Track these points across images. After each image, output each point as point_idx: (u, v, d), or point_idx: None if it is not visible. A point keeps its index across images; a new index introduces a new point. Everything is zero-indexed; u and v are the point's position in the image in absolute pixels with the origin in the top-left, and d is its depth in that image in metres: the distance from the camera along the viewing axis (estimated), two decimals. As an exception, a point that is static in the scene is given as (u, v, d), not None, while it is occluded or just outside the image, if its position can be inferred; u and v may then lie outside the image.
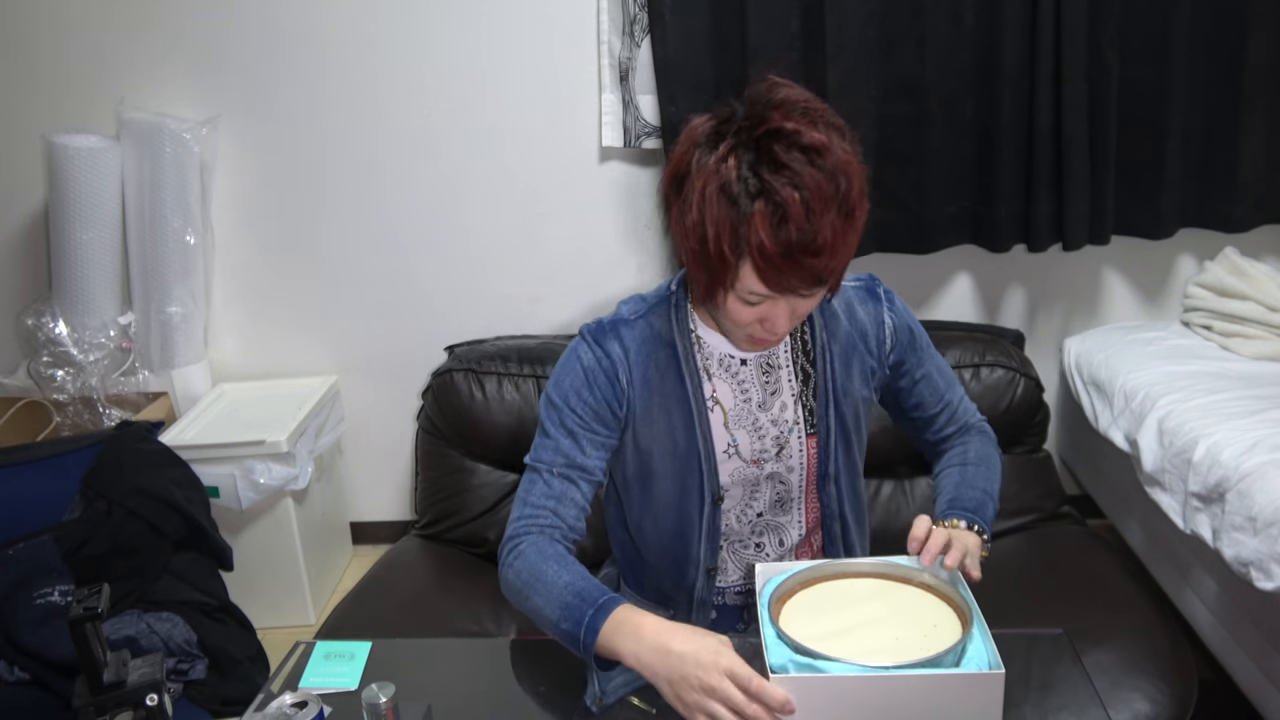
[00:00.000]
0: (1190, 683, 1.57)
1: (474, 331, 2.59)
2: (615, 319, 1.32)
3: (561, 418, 1.29)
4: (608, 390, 1.29)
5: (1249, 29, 2.15)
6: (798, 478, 1.36)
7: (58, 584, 1.82)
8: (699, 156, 1.13)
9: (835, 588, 1.18)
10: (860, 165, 1.13)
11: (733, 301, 1.17)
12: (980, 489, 1.34)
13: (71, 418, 2.49)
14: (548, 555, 1.22)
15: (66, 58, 2.48)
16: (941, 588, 1.15)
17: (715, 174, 1.10)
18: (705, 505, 1.34)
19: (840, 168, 1.10)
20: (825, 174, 1.08)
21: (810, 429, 1.34)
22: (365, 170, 2.53)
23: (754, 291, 1.13)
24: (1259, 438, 1.76)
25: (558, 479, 1.28)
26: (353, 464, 2.80)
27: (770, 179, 1.07)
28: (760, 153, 1.09)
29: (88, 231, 2.42)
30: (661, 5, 2.21)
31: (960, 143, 2.28)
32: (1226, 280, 2.30)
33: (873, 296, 1.37)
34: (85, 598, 1.03)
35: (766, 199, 1.08)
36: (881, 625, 1.10)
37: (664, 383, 1.30)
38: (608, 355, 1.29)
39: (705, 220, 1.11)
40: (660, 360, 1.30)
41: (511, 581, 1.24)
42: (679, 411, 1.30)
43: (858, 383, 1.36)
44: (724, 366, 1.32)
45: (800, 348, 1.34)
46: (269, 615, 2.40)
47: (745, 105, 1.14)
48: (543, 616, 1.19)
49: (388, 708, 1.05)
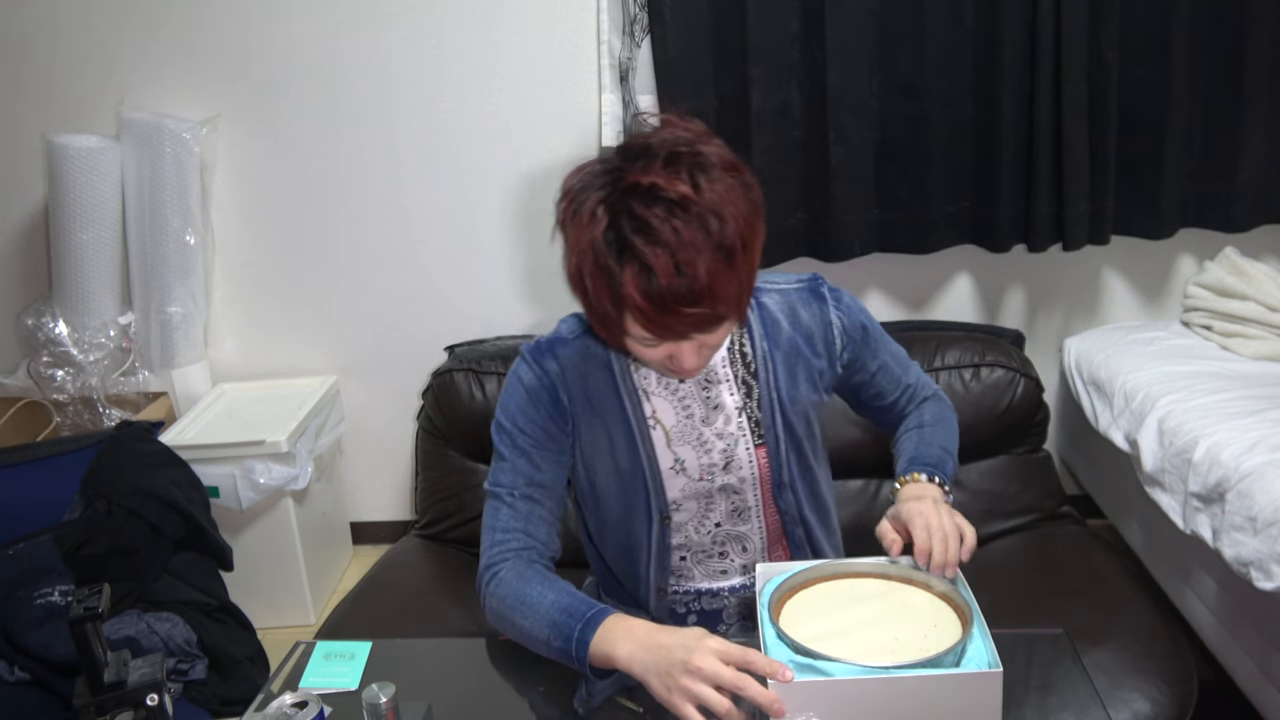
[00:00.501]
0: (1190, 683, 1.57)
1: (474, 331, 2.59)
2: (553, 338, 1.31)
3: (513, 440, 1.28)
4: (551, 408, 1.28)
5: (1249, 29, 2.15)
6: (752, 488, 1.35)
7: (58, 584, 1.82)
8: (575, 209, 1.12)
9: (835, 588, 1.18)
10: (742, 198, 1.11)
11: (633, 345, 1.16)
12: (939, 446, 1.34)
13: (71, 418, 2.49)
14: (528, 578, 1.22)
15: (66, 58, 2.48)
16: (941, 587, 1.15)
17: (587, 230, 1.09)
18: (653, 524, 1.33)
19: (709, 210, 1.07)
20: (690, 223, 1.06)
21: (758, 440, 1.33)
22: (365, 170, 2.53)
23: (646, 338, 1.13)
24: (1259, 438, 1.76)
25: (521, 500, 1.27)
26: (353, 464, 2.80)
27: (632, 239, 1.06)
28: (621, 211, 1.07)
29: (88, 231, 2.42)
30: (661, 5, 2.20)
31: (960, 143, 2.28)
32: (1226, 280, 2.30)
33: (817, 297, 1.35)
34: (85, 598, 1.03)
35: (632, 257, 1.06)
36: (881, 625, 1.10)
37: (604, 403, 1.29)
38: (546, 374, 1.28)
39: (584, 275, 1.11)
40: (598, 381, 1.29)
41: (496, 609, 1.23)
42: (620, 432, 1.30)
43: (804, 389, 1.34)
44: (663, 384, 1.30)
45: (740, 360, 1.32)
46: (269, 615, 2.41)
47: (618, 154, 1.13)
48: (532, 638, 1.18)
49: (388, 708, 1.05)
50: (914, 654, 1.03)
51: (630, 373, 1.30)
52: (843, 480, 2.09)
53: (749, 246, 1.12)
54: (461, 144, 2.49)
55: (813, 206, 2.34)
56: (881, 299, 2.56)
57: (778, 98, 2.26)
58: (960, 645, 1.03)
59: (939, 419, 1.41)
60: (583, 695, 1.17)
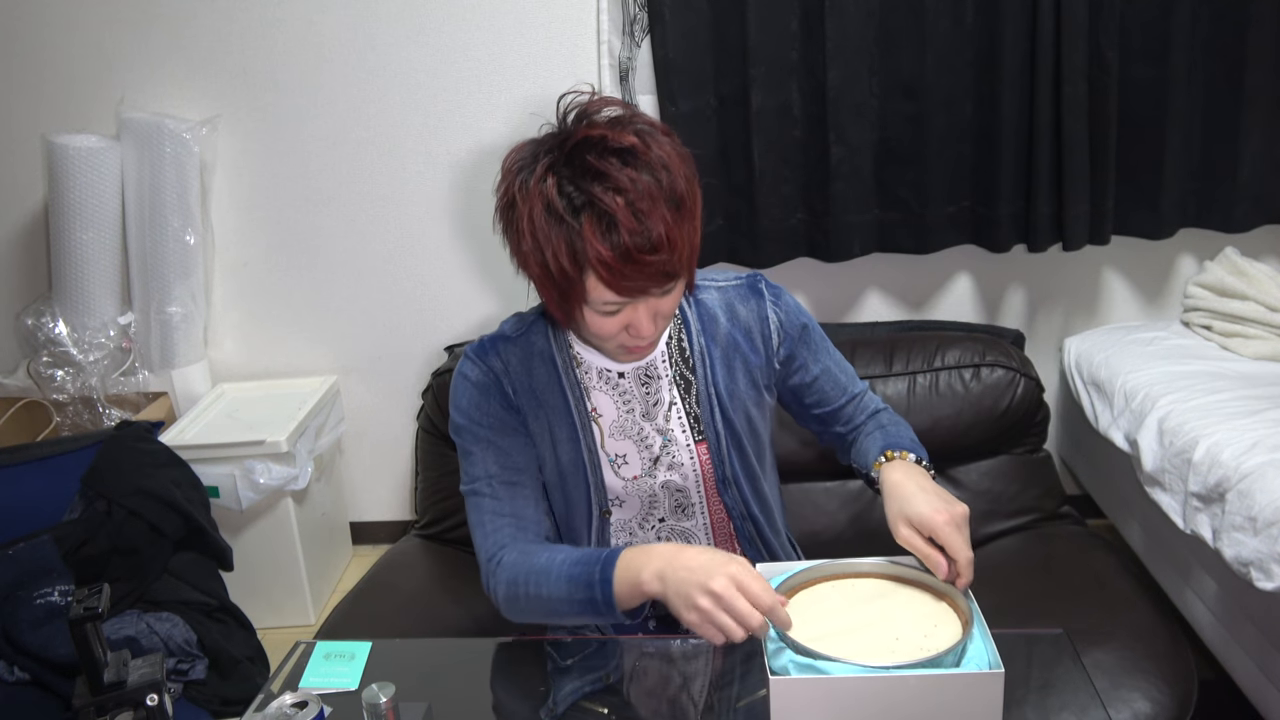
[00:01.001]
0: (1190, 683, 1.57)
1: (474, 331, 2.59)
2: (496, 336, 1.33)
3: (474, 434, 1.29)
4: (500, 400, 1.29)
5: (1249, 29, 2.15)
6: (694, 484, 1.35)
7: (58, 584, 1.82)
8: (520, 182, 1.13)
9: (835, 588, 1.18)
10: (683, 156, 1.15)
11: (591, 315, 1.17)
12: (908, 438, 1.34)
13: (71, 418, 2.49)
14: (531, 552, 1.22)
15: (66, 58, 2.48)
16: (941, 588, 1.14)
17: (538, 195, 1.10)
18: (593, 519, 1.33)
19: (659, 162, 1.11)
20: (644, 171, 1.09)
21: (699, 436, 1.33)
22: (365, 170, 2.53)
23: (607, 301, 1.13)
24: (1259, 438, 1.76)
25: (501, 486, 1.27)
26: (353, 464, 2.80)
27: (590, 188, 1.08)
28: (575, 166, 1.09)
29: (88, 231, 2.42)
30: (661, 5, 2.20)
31: (960, 143, 2.28)
32: (1226, 280, 2.30)
33: (755, 293, 1.36)
34: (85, 598, 1.03)
35: (591, 210, 1.08)
36: (881, 625, 1.10)
37: (547, 398, 1.30)
38: (490, 370, 1.29)
39: (540, 243, 1.12)
40: (541, 375, 1.30)
41: (508, 595, 1.22)
42: (563, 425, 1.30)
43: (743, 384, 1.34)
44: (604, 379, 1.31)
45: (679, 355, 1.33)
46: (269, 615, 2.41)
47: (556, 125, 1.15)
48: (553, 603, 1.17)
49: (388, 708, 1.05)
50: (914, 654, 1.03)
51: (573, 368, 1.31)
52: (842, 481, 2.09)
53: (694, 204, 1.15)
54: (461, 144, 2.49)
55: (813, 206, 2.34)
56: (881, 299, 2.56)
57: (778, 98, 2.26)
58: (960, 646, 1.03)
59: (898, 423, 1.40)
60: (550, 705, 1.17)
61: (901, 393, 2.07)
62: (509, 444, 1.29)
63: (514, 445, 1.29)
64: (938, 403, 2.06)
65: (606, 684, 1.11)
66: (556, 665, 1.26)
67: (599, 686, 1.10)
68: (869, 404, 1.44)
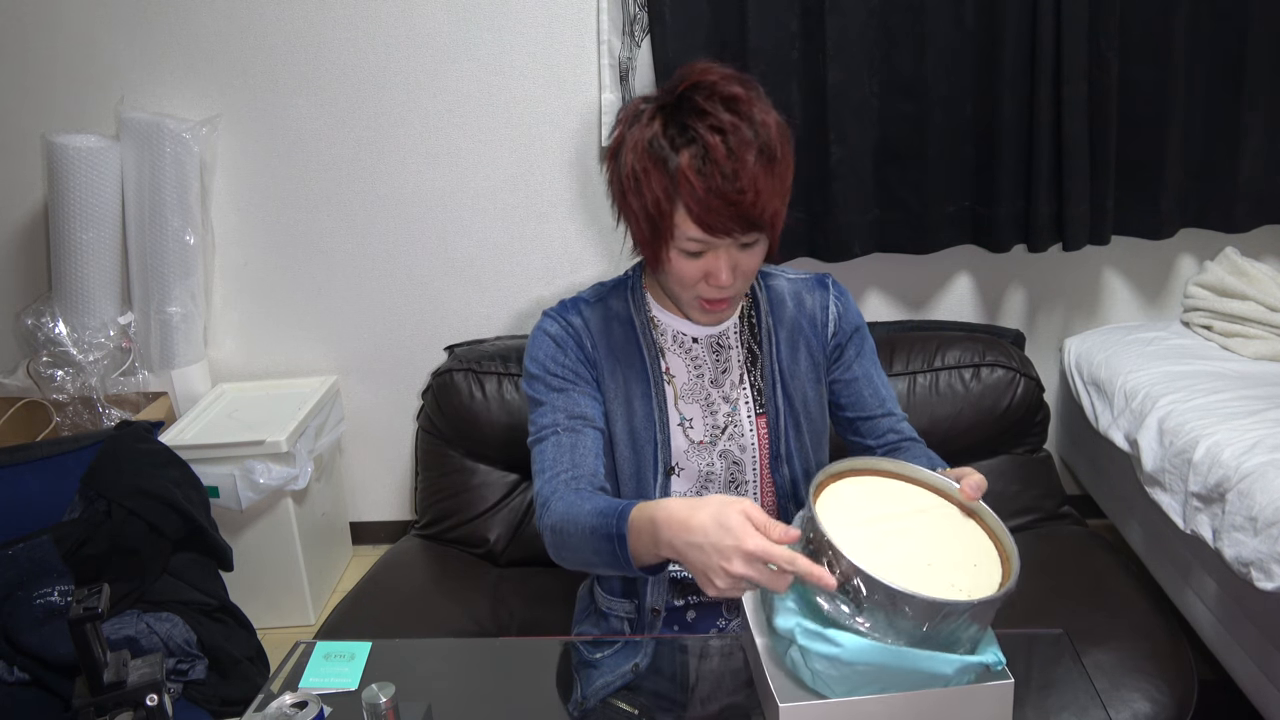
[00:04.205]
0: (1190, 683, 1.57)
1: (474, 331, 2.59)
2: (576, 299, 1.41)
3: (546, 383, 1.34)
4: (577, 352, 1.35)
5: (1249, 29, 2.15)
6: (750, 457, 1.39)
7: (58, 584, 1.82)
8: (631, 129, 1.22)
9: (889, 486, 1.11)
10: (781, 126, 1.22)
11: (676, 257, 1.23)
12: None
13: (71, 418, 2.49)
14: (571, 500, 1.24)
15: (66, 58, 2.48)
16: (995, 527, 1.07)
17: (644, 136, 1.20)
18: (659, 476, 1.36)
19: (759, 117, 1.19)
20: (743, 119, 1.17)
21: (760, 409, 1.38)
22: (365, 169, 2.53)
23: (692, 238, 1.20)
24: (1259, 438, 1.76)
25: (565, 434, 1.31)
26: (353, 464, 2.80)
27: (693, 124, 1.17)
28: (682, 107, 1.19)
29: (88, 231, 2.42)
30: (661, 5, 2.20)
31: (960, 143, 2.28)
32: (1227, 280, 2.30)
33: (821, 286, 1.43)
34: (85, 598, 1.03)
35: (690, 145, 1.17)
36: (920, 545, 1.03)
37: (623, 355, 1.36)
38: (570, 325, 1.36)
39: (639, 177, 1.20)
40: (618, 336, 1.37)
41: (552, 540, 1.25)
42: (637, 382, 1.36)
43: (805, 366, 1.40)
44: (678, 343, 1.38)
45: (749, 330, 1.39)
46: (269, 615, 2.41)
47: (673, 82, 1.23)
48: (584, 554, 1.20)
49: (388, 708, 1.05)
50: (939, 589, 0.96)
51: (650, 329, 1.37)
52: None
53: (785, 168, 1.21)
54: (461, 144, 2.49)
55: (813, 206, 2.34)
56: (881, 299, 2.56)
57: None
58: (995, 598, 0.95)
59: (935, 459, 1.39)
60: (577, 698, 1.17)
61: (901, 393, 2.07)
62: (578, 394, 1.34)
63: (583, 396, 1.34)
64: (938, 403, 2.06)
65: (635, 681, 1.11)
66: (583, 661, 1.26)
67: (627, 682, 1.09)
68: (906, 430, 1.44)
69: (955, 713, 0.99)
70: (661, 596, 1.40)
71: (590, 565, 1.22)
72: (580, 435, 1.31)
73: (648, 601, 1.39)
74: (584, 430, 1.31)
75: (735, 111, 1.17)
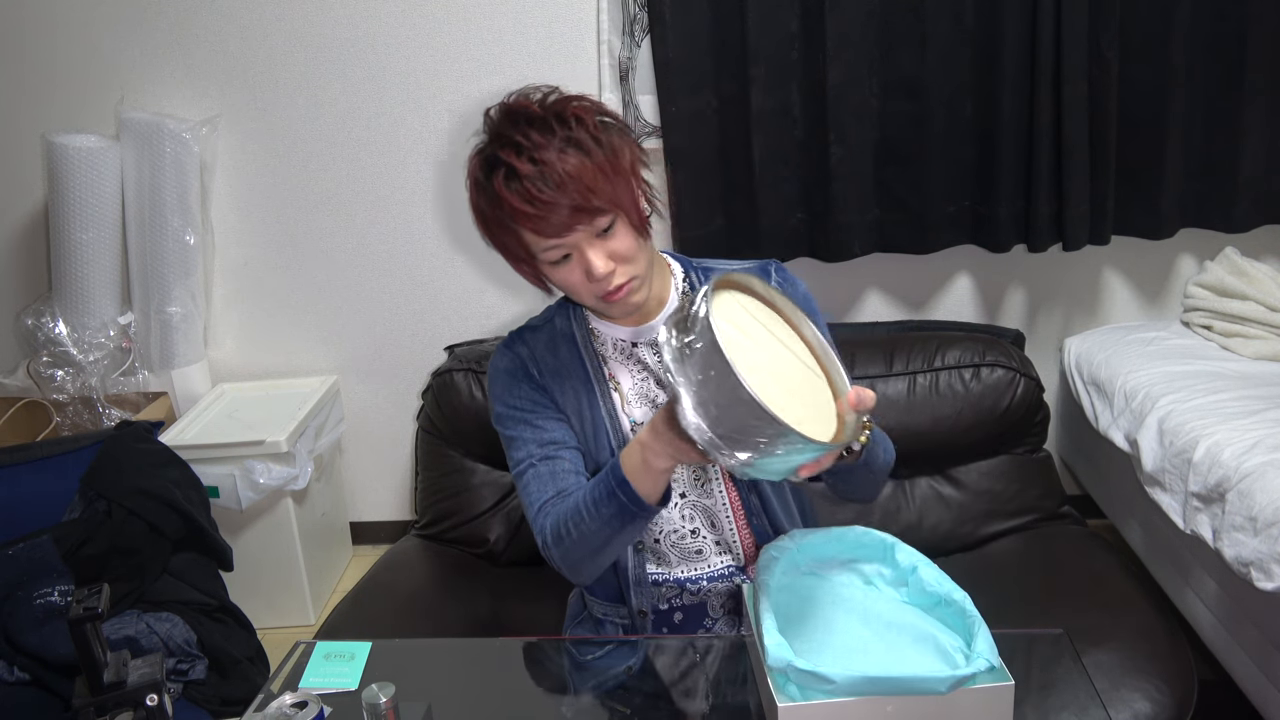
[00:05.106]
0: (1190, 683, 1.57)
1: (474, 331, 2.59)
2: (522, 328, 1.45)
3: (512, 417, 1.37)
4: (529, 382, 1.38)
5: (1249, 29, 2.15)
6: None
7: (58, 584, 1.82)
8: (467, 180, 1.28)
9: (774, 319, 1.13)
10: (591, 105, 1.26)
11: (552, 271, 1.26)
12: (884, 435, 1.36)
13: (71, 418, 2.49)
14: (562, 505, 1.28)
15: (66, 58, 2.48)
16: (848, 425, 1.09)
17: (471, 179, 1.26)
18: None
19: (558, 111, 1.23)
20: (538, 127, 1.21)
21: None
22: (365, 169, 2.53)
23: (546, 247, 1.22)
24: (1259, 438, 1.76)
25: (540, 463, 1.34)
26: (353, 464, 2.80)
27: (495, 151, 1.22)
28: (493, 140, 1.24)
29: (87, 231, 2.42)
30: (661, 5, 2.20)
31: (960, 143, 2.28)
32: (1227, 280, 2.30)
33: (764, 274, 1.42)
34: (85, 598, 1.03)
35: (498, 169, 1.21)
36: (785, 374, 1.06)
37: (570, 371, 1.39)
38: (517, 356, 1.40)
39: (484, 215, 1.26)
40: (564, 354, 1.40)
41: (562, 554, 1.28)
42: (585, 394, 1.39)
43: None
44: (618, 350, 1.40)
45: None
46: (269, 615, 2.41)
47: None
48: (592, 532, 1.23)
49: (388, 708, 1.05)
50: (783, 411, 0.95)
51: (590, 341, 1.40)
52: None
53: (614, 154, 1.23)
54: (462, 143, 2.49)
55: (813, 206, 2.34)
56: (881, 299, 2.56)
57: (778, 98, 2.26)
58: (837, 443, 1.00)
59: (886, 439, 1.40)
60: (572, 699, 1.18)
61: (901, 393, 2.07)
62: (543, 422, 1.37)
63: (548, 422, 1.37)
64: (938, 403, 2.05)
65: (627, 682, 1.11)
66: (577, 663, 1.26)
67: (621, 683, 1.10)
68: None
69: (956, 713, 0.99)
70: (648, 600, 1.41)
71: (607, 542, 1.24)
72: (556, 461, 1.34)
73: (634, 605, 1.40)
74: (559, 455, 1.35)
75: (537, 125, 1.21)
